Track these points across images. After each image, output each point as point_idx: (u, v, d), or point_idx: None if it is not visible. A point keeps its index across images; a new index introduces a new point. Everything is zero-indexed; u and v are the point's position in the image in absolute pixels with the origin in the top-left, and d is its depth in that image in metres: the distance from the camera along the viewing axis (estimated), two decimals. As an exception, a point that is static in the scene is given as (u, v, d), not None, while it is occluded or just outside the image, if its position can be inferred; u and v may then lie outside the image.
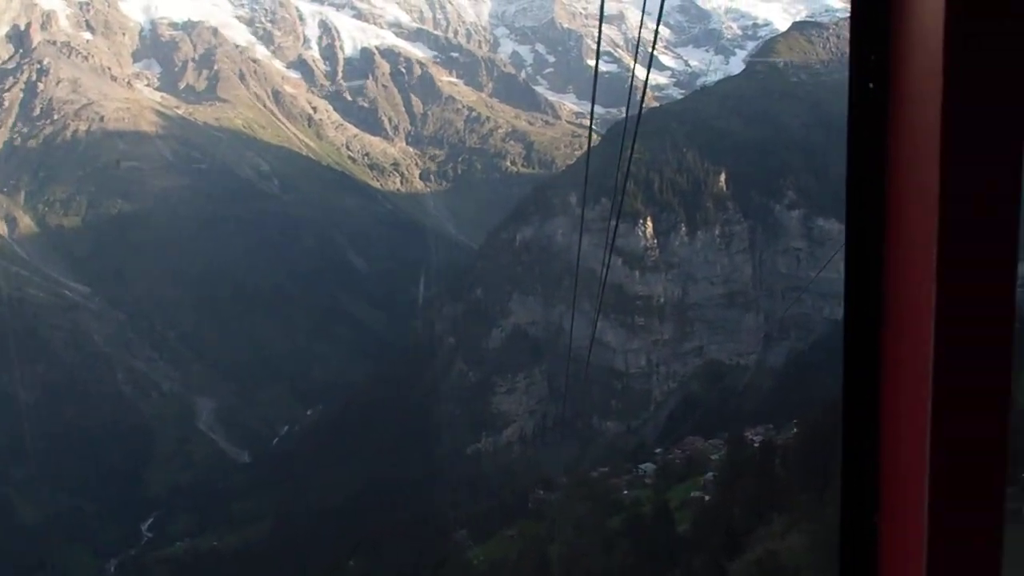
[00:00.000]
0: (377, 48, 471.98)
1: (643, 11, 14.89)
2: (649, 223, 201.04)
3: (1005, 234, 2.41)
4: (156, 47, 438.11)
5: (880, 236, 2.71)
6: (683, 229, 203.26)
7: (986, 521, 2.55)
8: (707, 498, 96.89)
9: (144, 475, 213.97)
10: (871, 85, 2.66)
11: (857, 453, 2.85)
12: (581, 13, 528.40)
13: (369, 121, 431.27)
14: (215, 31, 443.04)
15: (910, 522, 2.63)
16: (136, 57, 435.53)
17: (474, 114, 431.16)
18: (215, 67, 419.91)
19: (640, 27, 15.78)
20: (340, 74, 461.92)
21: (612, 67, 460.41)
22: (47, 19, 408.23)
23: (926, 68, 2.43)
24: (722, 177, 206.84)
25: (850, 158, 2.72)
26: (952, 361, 2.44)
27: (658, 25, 14.16)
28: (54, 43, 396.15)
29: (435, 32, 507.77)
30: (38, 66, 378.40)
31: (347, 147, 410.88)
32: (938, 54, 2.34)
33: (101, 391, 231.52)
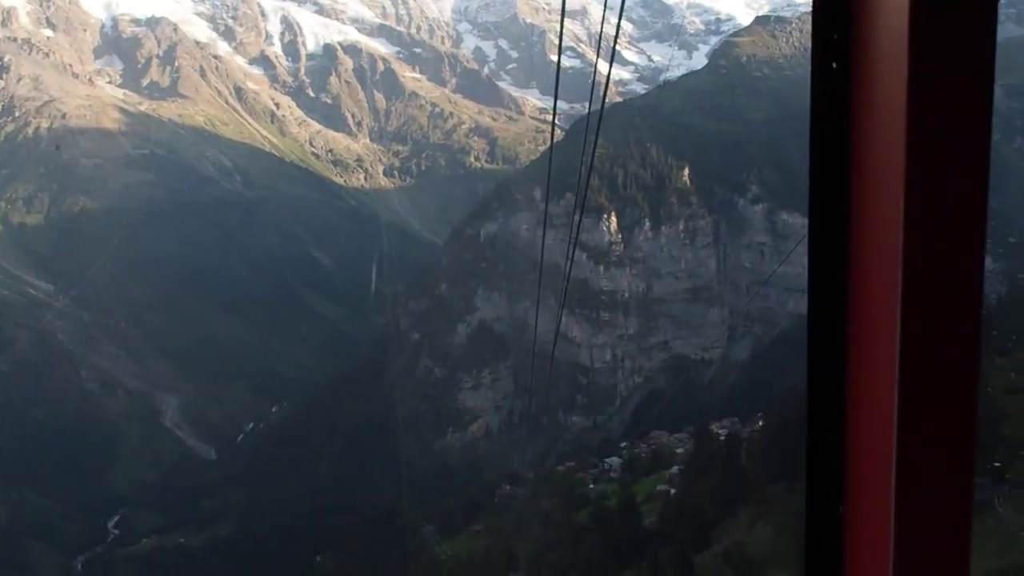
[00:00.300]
0: (340, 44, 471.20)
1: (605, 6, 15.00)
2: (613, 218, 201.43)
3: (972, 224, 2.36)
4: (118, 44, 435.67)
5: (844, 226, 2.64)
6: (647, 224, 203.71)
7: (954, 512, 2.52)
8: (673, 491, 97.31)
9: (110, 473, 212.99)
10: (834, 65, 2.59)
11: (823, 445, 2.80)
12: (544, 8, 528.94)
13: (332, 117, 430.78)
14: (176, 27, 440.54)
15: (876, 514, 2.58)
16: (97, 54, 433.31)
17: (437, 110, 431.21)
18: (177, 63, 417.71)
19: (602, 22, 15.90)
20: (303, 70, 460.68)
21: (575, 62, 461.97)
22: (7, 16, 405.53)
23: (890, 47, 2.36)
24: (686, 172, 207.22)
25: (813, 142, 2.65)
26: (918, 353, 2.40)
27: (620, 20, 14.29)
28: (15, 40, 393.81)
29: (398, 28, 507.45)
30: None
31: (310, 143, 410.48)
32: (902, 33, 2.28)
33: (66, 389, 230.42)
